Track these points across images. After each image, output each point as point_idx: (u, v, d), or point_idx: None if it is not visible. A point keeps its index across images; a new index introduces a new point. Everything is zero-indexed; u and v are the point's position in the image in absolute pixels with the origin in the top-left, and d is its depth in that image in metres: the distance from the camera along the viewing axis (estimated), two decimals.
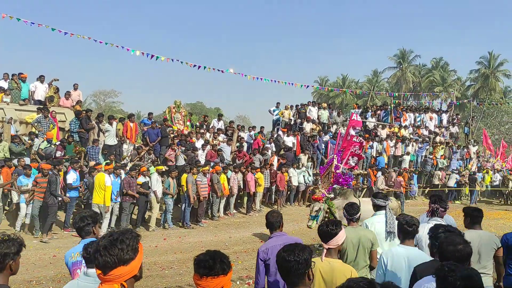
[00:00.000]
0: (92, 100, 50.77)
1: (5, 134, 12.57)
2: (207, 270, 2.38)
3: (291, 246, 2.69)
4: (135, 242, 2.13)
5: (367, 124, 22.39)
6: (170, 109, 17.33)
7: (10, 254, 2.84)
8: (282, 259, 2.63)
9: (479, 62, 53.39)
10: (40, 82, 15.26)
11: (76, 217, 3.86)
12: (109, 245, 2.06)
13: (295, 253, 2.58)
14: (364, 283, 2.16)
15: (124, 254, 2.05)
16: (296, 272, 2.56)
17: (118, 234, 2.12)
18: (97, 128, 14.24)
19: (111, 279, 2.04)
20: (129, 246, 2.08)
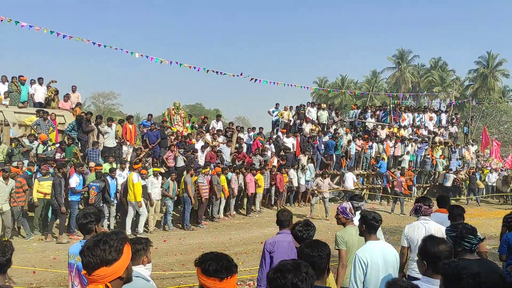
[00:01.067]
0: (91, 102, 50.88)
1: (4, 137, 12.56)
2: (228, 272, 2.41)
3: (314, 242, 2.92)
4: (120, 243, 2.14)
5: (367, 124, 22.41)
6: (170, 111, 17.32)
7: (10, 259, 3.05)
8: (306, 255, 2.80)
9: (477, 62, 53.56)
10: (39, 85, 15.27)
11: (80, 213, 3.89)
12: (92, 245, 2.09)
13: (319, 249, 2.80)
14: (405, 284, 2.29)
15: (106, 255, 2.07)
16: (320, 266, 2.76)
17: (103, 235, 2.15)
18: (96, 130, 14.22)
19: (95, 279, 2.07)
20: (112, 247, 2.10)
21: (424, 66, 59.17)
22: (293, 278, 2.20)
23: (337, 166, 19.42)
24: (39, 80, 15.32)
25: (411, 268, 4.90)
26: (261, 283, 4.49)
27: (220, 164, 15.11)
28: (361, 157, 20.07)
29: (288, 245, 4.52)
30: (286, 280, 2.21)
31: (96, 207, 10.27)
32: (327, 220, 14.76)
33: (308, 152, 18.14)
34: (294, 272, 2.22)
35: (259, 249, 9.86)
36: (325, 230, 13.19)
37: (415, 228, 4.91)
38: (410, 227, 4.98)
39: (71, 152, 12.94)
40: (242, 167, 15.56)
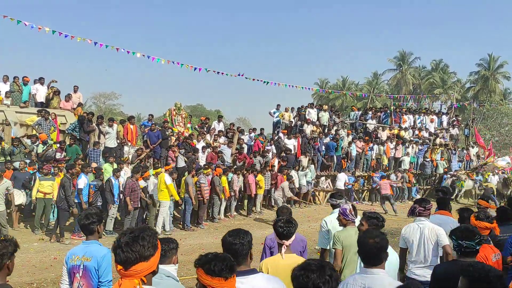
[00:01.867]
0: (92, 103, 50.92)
1: (5, 137, 12.57)
2: (232, 270, 2.45)
3: (236, 231, 3.09)
4: (155, 238, 2.21)
5: (367, 126, 22.41)
6: (171, 111, 17.34)
7: (7, 253, 2.96)
8: (228, 243, 2.99)
9: (479, 64, 53.56)
10: (40, 84, 15.29)
11: (82, 214, 3.90)
12: (131, 241, 2.13)
13: (240, 237, 2.98)
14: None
15: (145, 250, 2.13)
16: (242, 253, 2.95)
17: (139, 231, 2.19)
18: (97, 131, 14.23)
19: (132, 274, 2.11)
20: (149, 243, 2.16)
21: (425, 68, 59.19)
22: (316, 279, 2.24)
23: (338, 167, 19.43)
24: (40, 80, 15.34)
25: (409, 269, 4.92)
26: None
27: (221, 164, 15.13)
28: (362, 159, 20.06)
29: None
30: (309, 279, 2.25)
31: (97, 207, 10.27)
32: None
33: (308, 153, 18.15)
34: (318, 273, 2.25)
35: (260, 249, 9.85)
36: None
37: (411, 229, 4.96)
38: (407, 228, 5.03)
39: (73, 152, 12.96)
40: (242, 168, 15.57)
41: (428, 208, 5.00)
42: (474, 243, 3.50)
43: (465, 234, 3.54)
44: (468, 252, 3.52)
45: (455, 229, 3.73)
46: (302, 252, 4.65)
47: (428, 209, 5.00)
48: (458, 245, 3.57)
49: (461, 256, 3.57)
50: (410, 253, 4.93)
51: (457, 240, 3.58)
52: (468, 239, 3.51)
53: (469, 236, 3.51)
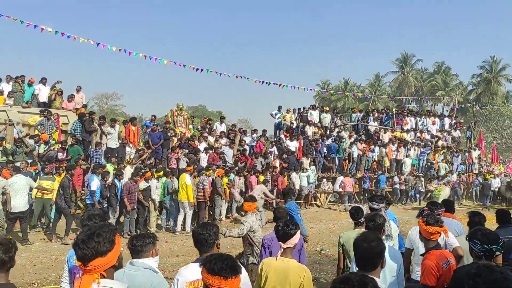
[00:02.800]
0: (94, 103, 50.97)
1: (8, 137, 12.59)
2: (234, 271, 2.50)
3: (204, 223, 3.48)
4: (112, 234, 2.27)
5: (369, 128, 22.40)
6: (173, 112, 17.35)
7: (13, 256, 3.06)
8: (196, 234, 3.37)
9: (481, 67, 53.49)
10: (43, 85, 15.31)
11: (84, 214, 3.92)
12: (86, 238, 2.21)
13: (207, 228, 3.35)
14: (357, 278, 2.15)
15: (101, 246, 2.20)
16: (208, 242, 3.30)
17: (95, 228, 2.27)
18: (99, 131, 14.25)
19: (91, 269, 2.19)
20: (105, 239, 2.22)
21: (427, 70, 59.20)
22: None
23: (339, 169, 19.43)
24: (42, 80, 15.36)
25: (415, 272, 4.91)
26: None
27: (223, 165, 15.13)
28: (363, 161, 20.06)
29: None
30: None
31: (101, 208, 10.32)
32: None
33: (310, 155, 18.14)
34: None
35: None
36: (327, 233, 13.20)
37: (416, 231, 4.93)
38: (413, 230, 5.00)
39: (75, 153, 12.97)
40: (244, 169, 15.56)
41: (433, 211, 4.95)
42: (499, 246, 3.41)
43: (491, 238, 3.43)
44: (490, 256, 3.42)
45: (475, 233, 3.55)
46: (300, 249, 4.71)
47: (437, 214, 4.92)
48: (484, 249, 3.42)
49: (484, 261, 3.40)
50: (415, 255, 4.92)
51: (482, 245, 3.43)
52: (494, 243, 3.40)
53: (495, 240, 3.41)
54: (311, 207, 17.99)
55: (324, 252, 10.41)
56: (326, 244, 11.49)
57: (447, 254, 3.93)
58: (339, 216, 16.51)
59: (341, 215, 16.70)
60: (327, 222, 15.16)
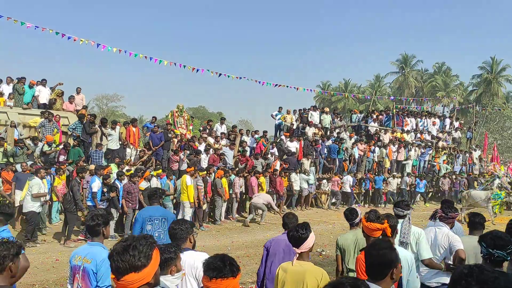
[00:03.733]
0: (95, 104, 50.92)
1: (8, 138, 12.60)
2: (217, 272, 2.48)
3: (179, 220, 3.82)
4: (149, 249, 2.10)
5: (369, 128, 22.39)
6: (173, 113, 17.36)
7: (9, 256, 2.95)
8: (171, 229, 3.67)
9: (481, 67, 53.44)
10: (43, 86, 15.32)
11: (88, 215, 3.89)
12: (121, 250, 2.06)
13: (179, 223, 3.64)
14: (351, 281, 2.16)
15: (135, 260, 2.04)
16: (181, 236, 3.60)
17: (132, 240, 2.10)
18: (100, 132, 14.26)
19: (124, 285, 2.05)
20: (141, 253, 2.06)
21: (427, 71, 59.18)
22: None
23: (340, 170, 19.43)
24: (42, 81, 15.38)
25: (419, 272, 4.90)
26: (258, 278, 4.83)
27: (223, 166, 15.14)
28: (364, 161, 20.05)
29: (286, 243, 4.60)
30: None
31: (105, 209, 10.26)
32: None
33: (310, 156, 18.14)
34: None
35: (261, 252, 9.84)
36: (327, 234, 13.19)
37: (428, 232, 4.91)
38: (426, 231, 4.95)
39: (76, 154, 12.98)
40: (244, 170, 15.56)
41: (447, 213, 4.85)
42: (505, 253, 3.31)
43: (497, 242, 3.34)
44: (497, 261, 3.34)
45: (484, 236, 3.50)
46: None
47: (450, 217, 4.86)
48: (488, 253, 3.36)
49: (488, 264, 3.36)
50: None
51: (487, 248, 3.37)
52: (499, 248, 3.32)
53: (502, 245, 3.33)
54: (312, 208, 17.98)
55: (325, 253, 10.41)
56: (327, 245, 11.48)
57: None
58: (339, 217, 16.49)
59: (342, 216, 16.68)
60: (327, 223, 15.16)
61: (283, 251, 4.62)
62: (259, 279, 4.79)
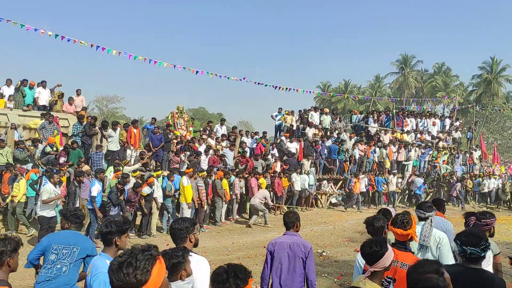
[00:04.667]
0: (95, 106, 50.99)
1: (8, 140, 12.61)
2: (220, 285, 2.42)
3: (178, 218, 3.68)
4: (148, 264, 1.90)
5: (369, 129, 22.40)
6: (173, 115, 17.36)
7: (7, 251, 3.05)
8: (170, 228, 3.59)
9: (481, 67, 53.40)
10: (43, 88, 15.33)
11: (104, 221, 3.63)
12: (116, 268, 1.90)
13: (179, 223, 3.54)
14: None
15: (130, 278, 1.86)
16: (180, 236, 3.48)
17: (128, 256, 1.92)
18: (100, 134, 14.25)
19: None
20: (137, 270, 1.87)
21: (427, 71, 59.18)
22: None
23: (340, 170, 19.43)
24: (42, 83, 15.38)
25: None
26: (263, 282, 4.75)
27: (223, 168, 15.13)
28: (364, 162, 20.05)
29: (288, 246, 4.58)
30: None
31: (124, 216, 10.17)
32: None
33: (311, 157, 18.14)
34: None
35: (261, 253, 9.85)
36: (328, 234, 13.19)
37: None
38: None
39: (76, 156, 12.96)
40: (244, 171, 15.56)
41: (485, 223, 4.53)
42: (479, 249, 3.32)
43: (470, 239, 3.36)
44: (473, 258, 3.36)
45: (459, 234, 3.51)
46: (305, 258, 4.56)
47: (485, 224, 4.52)
48: (463, 251, 3.38)
49: (466, 262, 3.40)
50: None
51: (461, 246, 3.38)
52: (473, 245, 3.33)
53: (474, 243, 3.33)
54: (312, 208, 17.98)
55: (325, 254, 10.40)
56: (327, 245, 11.48)
57: (402, 258, 3.74)
58: (340, 217, 16.51)
59: (342, 216, 16.70)
60: (327, 223, 15.15)
61: (287, 256, 4.55)
62: (264, 283, 4.69)
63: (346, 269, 8.76)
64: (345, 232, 13.68)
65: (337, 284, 7.89)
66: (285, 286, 4.55)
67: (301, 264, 4.55)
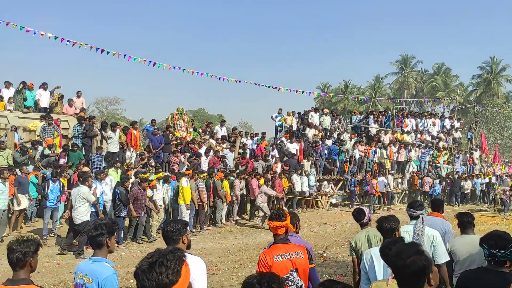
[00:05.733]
0: (95, 107, 51.00)
1: (8, 142, 12.60)
2: None
3: (170, 221, 3.69)
4: (178, 264, 1.96)
5: (370, 130, 22.39)
6: (173, 116, 17.36)
7: (29, 252, 3.21)
8: (163, 230, 3.62)
9: (481, 67, 53.45)
10: (44, 90, 15.34)
11: (91, 224, 3.55)
12: (147, 268, 1.91)
13: (171, 225, 3.55)
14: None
15: (162, 278, 1.89)
16: (172, 238, 3.52)
17: (159, 256, 1.95)
18: (100, 136, 14.25)
19: None
20: (169, 269, 1.91)
21: (427, 72, 59.19)
22: None
23: (341, 171, 19.42)
24: (43, 85, 15.39)
25: None
26: None
27: (223, 169, 15.12)
28: (364, 163, 20.05)
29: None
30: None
31: (110, 218, 10.11)
32: None
33: (311, 157, 18.13)
34: None
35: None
36: (329, 235, 13.18)
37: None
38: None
39: (76, 158, 12.97)
40: (244, 172, 15.56)
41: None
42: (508, 252, 3.25)
43: (499, 243, 3.28)
44: (501, 261, 3.28)
45: (485, 238, 3.42)
46: None
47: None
48: (491, 254, 3.28)
49: (492, 266, 3.31)
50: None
51: (489, 250, 3.30)
52: (502, 248, 3.26)
53: (504, 245, 3.26)
54: (312, 209, 17.96)
55: (326, 255, 10.39)
56: (328, 246, 11.47)
57: (291, 249, 3.84)
58: (340, 218, 16.49)
59: (343, 217, 16.68)
60: (328, 224, 15.14)
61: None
62: None
63: (347, 270, 8.74)
64: (345, 232, 13.66)
65: None
66: None
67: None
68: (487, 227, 14.81)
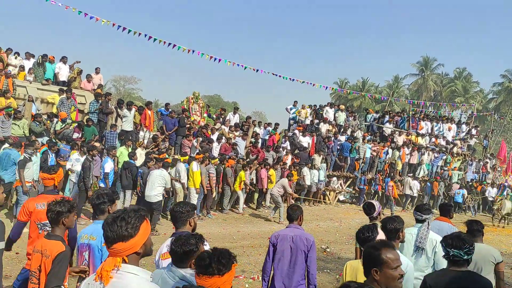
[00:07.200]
0: (112, 85, 51.37)
1: (26, 112, 12.78)
2: (202, 269, 2.44)
3: (180, 202, 3.89)
4: (138, 221, 2.24)
5: (384, 129, 22.22)
6: (188, 100, 17.44)
7: (63, 212, 3.67)
8: (172, 210, 3.76)
9: (503, 76, 52.48)
10: (63, 63, 15.49)
11: (94, 194, 4.07)
12: (110, 221, 2.21)
13: (181, 206, 3.70)
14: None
15: (122, 231, 2.18)
16: (181, 219, 3.64)
17: (122, 212, 2.25)
18: (115, 113, 14.38)
19: (113, 252, 2.22)
20: (128, 224, 2.20)
21: (447, 75, 58.23)
22: None
23: (351, 168, 19.34)
24: (63, 58, 15.53)
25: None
26: (264, 274, 4.80)
27: (234, 156, 15.19)
28: (376, 162, 19.93)
29: (291, 238, 4.66)
30: None
31: (111, 188, 10.33)
32: None
33: (322, 152, 18.09)
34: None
35: (266, 244, 9.87)
36: (333, 231, 13.20)
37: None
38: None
39: (90, 133, 13.11)
40: (254, 161, 15.60)
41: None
42: (462, 252, 3.38)
43: (455, 242, 3.42)
44: (457, 261, 3.41)
45: (445, 237, 3.58)
46: (307, 251, 4.63)
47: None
48: (447, 253, 3.45)
49: (451, 265, 3.47)
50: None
51: (445, 248, 3.46)
52: (456, 248, 3.39)
53: (459, 245, 3.39)
54: (319, 204, 17.96)
55: (329, 250, 10.43)
56: (332, 242, 11.50)
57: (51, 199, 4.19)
58: (347, 215, 16.49)
59: (349, 214, 16.67)
60: (334, 220, 15.16)
61: (290, 248, 4.64)
62: (266, 274, 4.76)
63: None
64: (350, 230, 13.66)
65: (338, 280, 7.92)
66: (286, 278, 4.63)
67: (303, 257, 4.63)
68: (494, 236, 14.71)
